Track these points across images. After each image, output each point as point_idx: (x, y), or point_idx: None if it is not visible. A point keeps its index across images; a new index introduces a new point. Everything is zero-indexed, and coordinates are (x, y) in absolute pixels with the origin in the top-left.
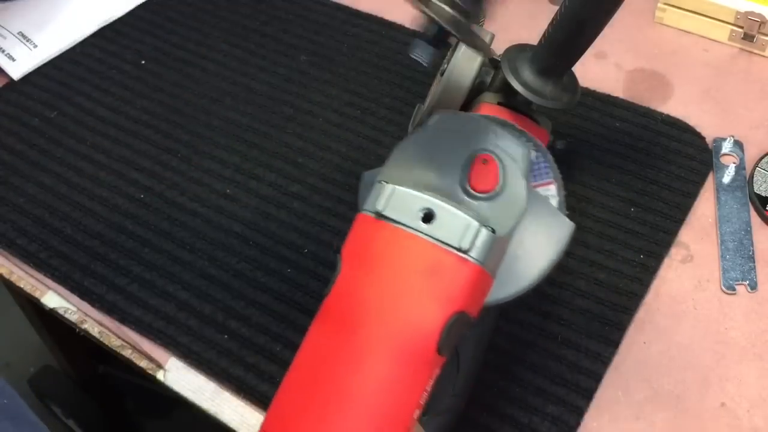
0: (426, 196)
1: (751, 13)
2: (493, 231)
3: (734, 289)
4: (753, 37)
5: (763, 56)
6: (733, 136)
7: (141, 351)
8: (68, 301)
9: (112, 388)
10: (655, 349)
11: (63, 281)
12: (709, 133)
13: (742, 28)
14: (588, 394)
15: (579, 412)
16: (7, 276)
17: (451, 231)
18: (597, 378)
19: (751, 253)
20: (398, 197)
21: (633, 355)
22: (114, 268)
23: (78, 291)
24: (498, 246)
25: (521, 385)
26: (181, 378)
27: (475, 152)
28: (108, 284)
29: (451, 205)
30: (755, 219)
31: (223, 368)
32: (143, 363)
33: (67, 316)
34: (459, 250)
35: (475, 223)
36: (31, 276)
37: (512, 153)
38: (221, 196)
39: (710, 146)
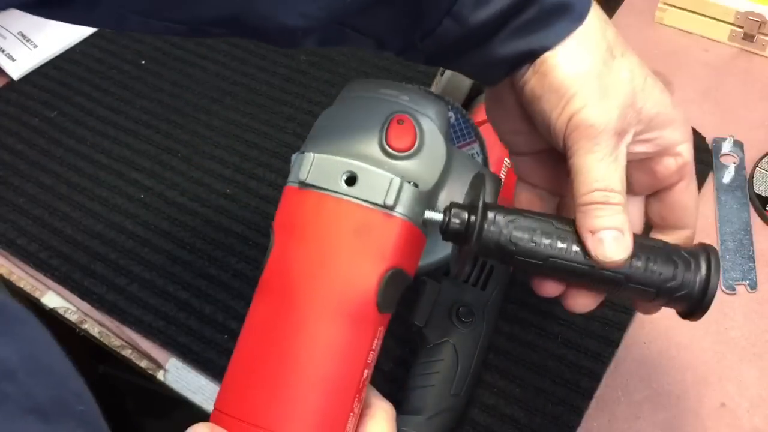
0: (347, 160)
1: (751, 13)
2: (416, 186)
3: (734, 289)
4: (753, 37)
5: (763, 56)
6: (733, 136)
7: (141, 351)
8: (68, 301)
9: (112, 388)
10: (655, 349)
11: (63, 281)
12: (709, 133)
13: (742, 28)
14: (588, 394)
15: (579, 412)
16: (7, 276)
17: (374, 190)
18: (597, 378)
19: (751, 253)
20: (320, 164)
21: (633, 355)
22: (114, 268)
23: (78, 291)
24: (423, 200)
25: (521, 385)
26: (181, 378)
27: (391, 114)
28: (108, 284)
29: (373, 166)
30: (755, 219)
31: (223, 368)
32: (143, 363)
33: (67, 316)
34: (384, 207)
35: (397, 180)
36: (31, 276)
37: (427, 112)
38: (221, 196)
39: (710, 146)
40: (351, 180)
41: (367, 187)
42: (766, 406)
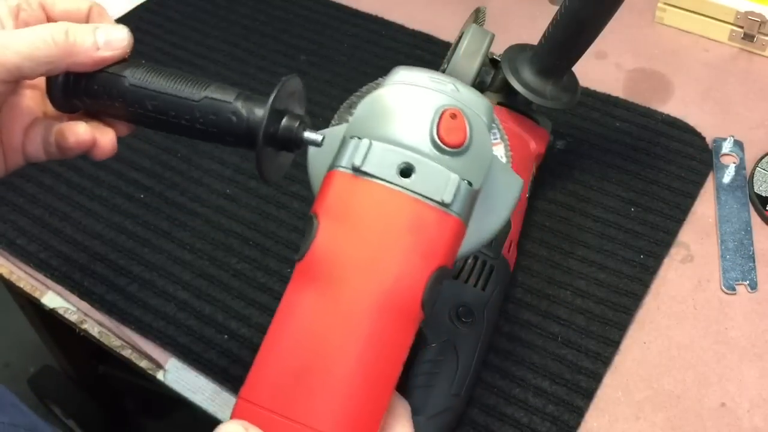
0: (404, 151)
1: (751, 12)
2: (470, 185)
3: (734, 289)
4: (753, 37)
5: (763, 56)
6: (733, 136)
7: (141, 351)
8: (68, 301)
9: (112, 388)
10: (655, 349)
11: (63, 281)
12: (709, 133)
13: (742, 28)
14: (588, 394)
15: (579, 412)
16: (7, 276)
17: (432, 185)
18: (597, 378)
19: (751, 252)
20: (376, 152)
21: (633, 355)
22: (114, 268)
23: (78, 291)
24: (473, 200)
25: (521, 385)
26: (181, 378)
27: (442, 107)
28: (108, 284)
29: (429, 159)
30: (755, 219)
31: (223, 368)
32: (143, 363)
33: (67, 316)
34: (441, 204)
35: (455, 177)
36: (31, 276)
37: (476, 108)
38: (221, 196)
39: (710, 146)
40: (406, 172)
41: (424, 181)
42: (766, 406)
